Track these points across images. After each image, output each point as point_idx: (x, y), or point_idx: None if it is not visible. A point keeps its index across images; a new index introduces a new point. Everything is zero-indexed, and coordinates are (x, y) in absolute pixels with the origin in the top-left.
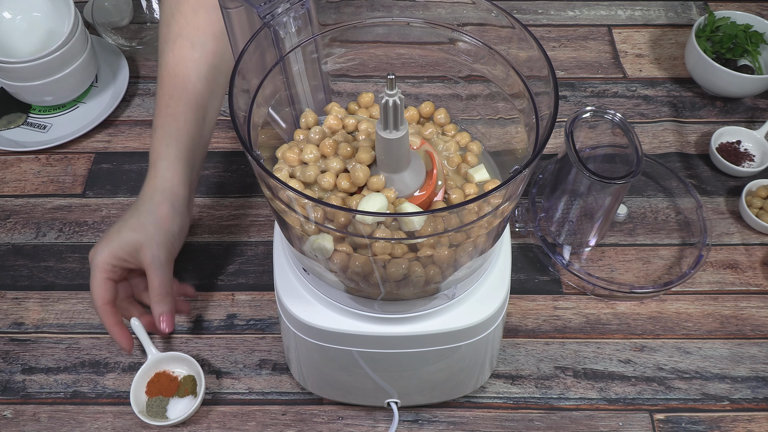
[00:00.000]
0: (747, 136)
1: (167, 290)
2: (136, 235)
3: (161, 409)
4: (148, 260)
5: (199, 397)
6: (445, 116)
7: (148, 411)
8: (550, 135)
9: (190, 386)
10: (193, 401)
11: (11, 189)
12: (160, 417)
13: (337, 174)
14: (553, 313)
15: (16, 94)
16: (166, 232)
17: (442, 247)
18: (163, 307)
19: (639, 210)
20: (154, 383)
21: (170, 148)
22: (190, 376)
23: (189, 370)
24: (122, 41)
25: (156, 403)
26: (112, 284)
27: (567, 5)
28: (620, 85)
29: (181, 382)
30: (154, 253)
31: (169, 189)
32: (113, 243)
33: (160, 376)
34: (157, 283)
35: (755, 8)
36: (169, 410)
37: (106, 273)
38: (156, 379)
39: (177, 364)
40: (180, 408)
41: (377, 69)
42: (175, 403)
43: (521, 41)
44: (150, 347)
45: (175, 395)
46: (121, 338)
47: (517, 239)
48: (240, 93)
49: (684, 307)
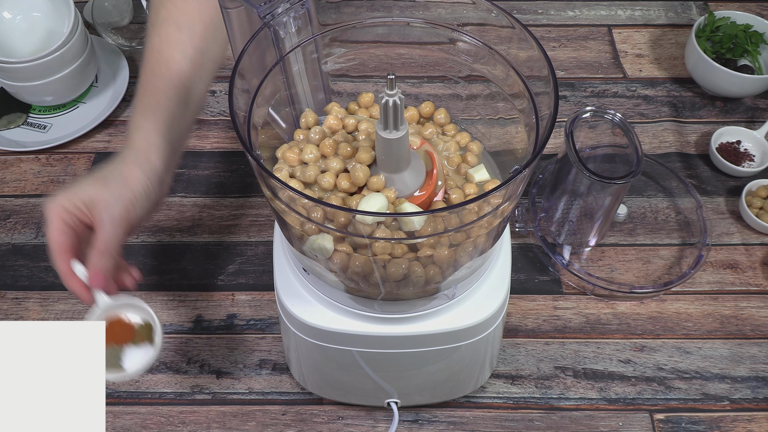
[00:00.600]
0: (747, 136)
1: (110, 248)
2: (95, 189)
3: (114, 359)
4: (100, 213)
5: (156, 345)
6: (445, 116)
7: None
8: (550, 135)
9: (146, 333)
10: (150, 350)
11: (11, 189)
12: (113, 367)
13: (337, 174)
14: (553, 313)
15: (16, 94)
16: (128, 188)
17: (442, 247)
18: (100, 261)
19: (639, 210)
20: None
21: (148, 121)
22: (147, 324)
23: (145, 317)
24: (122, 41)
25: (108, 353)
26: (70, 230)
27: (567, 5)
28: (620, 85)
29: (137, 330)
30: (110, 206)
31: (142, 154)
32: (70, 191)
33: (113, 324)
34: (102, 237)
35: (755, 8)
36: (125, 360)
37: (61, 217)
38: (108, 328)
39: (131, 311)
40: (137, 358)
41: (377, 69)
42: (130, 353)
43: (521, 41)
44: (99, 294)
45: (130, 343)
46: (79, 287)
47: (517, 239)
48: (240, 93)
49: (684, 307)
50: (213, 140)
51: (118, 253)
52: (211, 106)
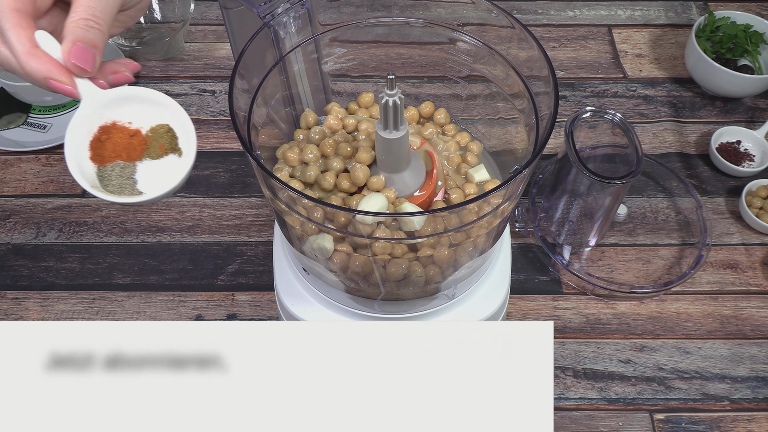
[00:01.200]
0: (747, 136)
1: (98, 15)
2: None
3: (126, 180)
4: None
5: (186, 155)
6: (445, 116)
7: (104, 184)
8: (550, 135)
9: (166, 141)
10: (178, 161)
11: (11, 189)
12: (127, 191)
13: (337, 174)
14: (553, 313)
15: (16, 94)
16: None
17: (442, 247)
18: (83, 31)
19: (639, 210)
20: (101, 143)
21: None
22: (163, 126)
23: (158, 116)
24: (122, 41)
25: (115, 172)
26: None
27: (567, 5)
28: (620, 85)
29: (148, 135)
30: None
31: None
32: None
33: (109, 132)
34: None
35: (755, 8)
36: (141, 181)
37: None
38: (104, 137)
39: (136, 107)
40: (157, 175)
41: (377, 69)
42: (147, 171)
43: (521, 41)
44: (84, 82)
45: (144, 158)
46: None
47: (517, 239)
48: (240, 93)
49: (684, 307)
50: (213, 140)
51: (107, 30)
52: (211, 106)
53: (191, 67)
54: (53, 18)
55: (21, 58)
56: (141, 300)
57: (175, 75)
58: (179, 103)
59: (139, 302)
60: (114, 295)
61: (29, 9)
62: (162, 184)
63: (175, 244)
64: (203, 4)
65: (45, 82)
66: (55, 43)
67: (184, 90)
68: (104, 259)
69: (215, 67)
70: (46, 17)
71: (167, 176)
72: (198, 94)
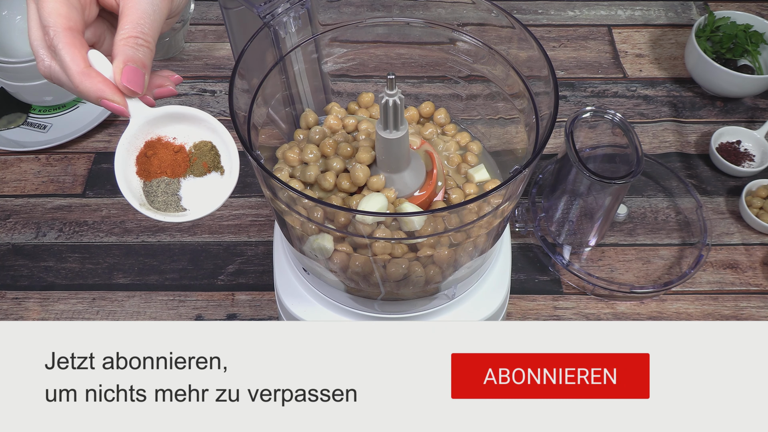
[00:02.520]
0: (747, 136)
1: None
2: None
3: (171, 197)
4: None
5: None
6: (445, 116)
7: (150, 200)
8: (550, 135)
9: (209, 159)
10: (220, 180)
11: (11, 189)
12: (172, 207)
13: (337, 174)
14: (553, 313)
15: (16, 94)
16: None
17: (442, 247)
18: (133, 50)
19: (639, 210)
20: (147, 158)
21: None
22: (206, 144)
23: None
24: None
25: (161, 188)
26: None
27: (567, 5)
28: (620, 85)
29: (192, 152)
30: None
31: None
32: None
33: (155, 148)
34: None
35: (755, 8)
36: (185, 198)
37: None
38: (150, 152)
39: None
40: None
41: (377, 69)
42: (191, 188)
43: (521, 41)
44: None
45: (188, 174)
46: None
47: (517, 239)
48: (240, 93)
49: (684, 307)
50: None
51: (154, 45)
52: (211, 106)
53: (191, 67)
54: (96, 29)
55: (75, 78)
56: (141, 300)
57: None
58: (179, 103)
59: (139, 302)
60: (114, 295)
61: (80, 27)
62: (206, 203)
63: (175, 244)
64: (203, 4)
65: (98, 102)
66: (107, 62)
67: (184, 90)
68: (104, 259)
69: (215, 67)
70: (90, 28)
71: (210, 194)
72: (198, 94)
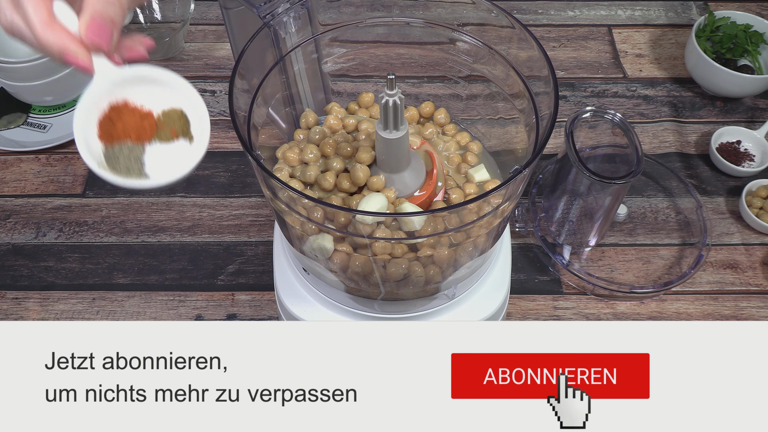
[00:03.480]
0: (747, 136)
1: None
2: None
3: (134, 163)
4: None
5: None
6: (445, 116)
7: (111, 164)
8: (550, 135)
9: (178, 126)
10: (188, 147)
11: (11, 189)
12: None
13: (337, 174)
14: (553, 313)
15: (16, 94)
16: None
17: (442, 247)
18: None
19: (639, 210)
20: (111, 122)
21: None
22: (176, 111)
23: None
24: None
25: (123, 153)
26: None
27: (567, 5)
28: (620, 85)
29: (160, 119)
30: None
31: None
32: None
33: (120, 111)
34: None
35: (755, 8)
36: (149, 164)
37: None
38: (114, 116)
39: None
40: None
41: (377, 69)
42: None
43: (521, 41)
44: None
45: (154, 140)
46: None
47: (517, 239)
48: (240, 93)
49: (684, 307)
50: (213, 140)
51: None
52: (211, 106)
53: (191, 67)
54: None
55: (37, 29)
56: (141, 300)
57: None
58: None
59: (139, 302)
60: (114, 295)
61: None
62: (171, 171)
63: (175, 244)
64: (203, 4)
65: (60, 56)
66: (74, 16)
67: None
68: (104, 259)
69: (215, 67)
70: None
71: (177, 161)
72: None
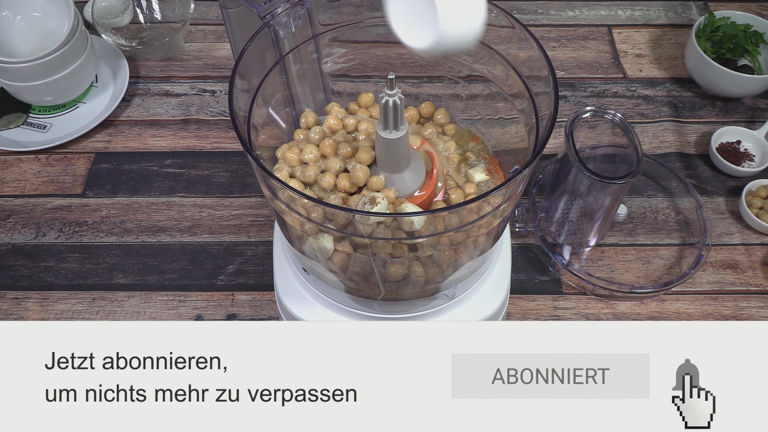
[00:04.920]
0: (747, 136)
1: None
2: None
3: None
4: None
5: None
6: (445, 116)
7: None
8: (550, 135)
9: None
10: None
11: (11, 189)
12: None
13: (337, 174)
14: (553, 313)
15: (16, 94)
16: None
17: (442, 247)
18: None
19: (639, 210)
20: None
21: None
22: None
23: None
24: (122, 41)
25: None
26: None
27: (567, 5)
28: (620, 85)
29: None
30: None
31: None
32: None
33: None
34: None
35: (755, 8)
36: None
37: None
38: None
39: None
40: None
41: (377, 69)
42: None
43: (521, 41)
44: None
45: None
46: None
47: (517, 239)
48: (240, 93)
49: (684, 307)
50: (213, 140)
51: None
52: (211, 106)
53: (191, 67)
54: None
55: None
56: (141, 300)
57: (175, 75)
58: (179, 103)
59: (139, 302)
60: (114, 295)
61: None
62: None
63: (175, 244)
64: (203, 4)
65: None
66: None
67: (184, 90)
68: (104, 259)
69: (215, 67)
70: None
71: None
72: (198, 94)
